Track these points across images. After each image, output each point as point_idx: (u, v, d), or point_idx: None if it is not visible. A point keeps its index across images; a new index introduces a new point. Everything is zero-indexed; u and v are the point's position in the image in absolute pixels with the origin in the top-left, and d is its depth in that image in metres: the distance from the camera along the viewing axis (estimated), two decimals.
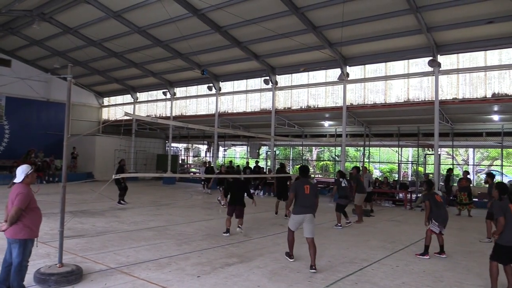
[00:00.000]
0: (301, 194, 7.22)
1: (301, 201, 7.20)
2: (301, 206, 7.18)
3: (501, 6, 13.43)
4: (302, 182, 7.42)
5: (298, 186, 7.32)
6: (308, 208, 7.17)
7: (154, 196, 18.45)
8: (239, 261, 7.27)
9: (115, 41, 21.16)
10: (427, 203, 8.36)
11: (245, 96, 23.69)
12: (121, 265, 6.70)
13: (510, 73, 15.57)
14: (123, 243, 8.33)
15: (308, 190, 7.24)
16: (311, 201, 7.27)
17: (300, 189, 7.25)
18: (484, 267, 7.35)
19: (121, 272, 6.30)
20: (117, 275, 6.19)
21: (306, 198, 7.21)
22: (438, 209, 8.29)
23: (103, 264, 6.72)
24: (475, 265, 7.55)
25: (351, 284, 6.19)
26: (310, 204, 7.23)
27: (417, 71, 17.50)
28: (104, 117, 32.33)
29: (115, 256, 7.28)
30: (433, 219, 8.24)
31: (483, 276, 6.83)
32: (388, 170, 30.71)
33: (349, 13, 15.12)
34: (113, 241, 8.49)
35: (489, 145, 24.19)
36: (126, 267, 6.60)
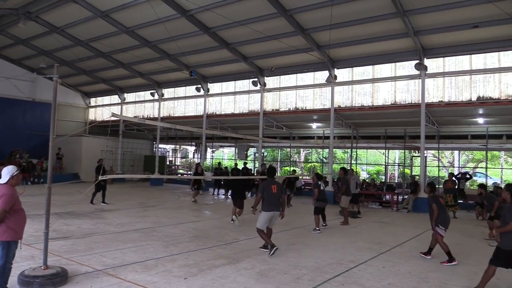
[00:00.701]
0: (269, 193, 7.95)
1: (270, 199, 7.94)
2: (270, 204, 7.95)
3: (486, 11, 13.64)
4: (269, 182, 8.12)
5: (265, 187, 8.04)
6: (277, 206, 8.03)
7: (141, 197, 18.33)
8: (226, 263, 7.26)
9: (103, 41, 20.99)
10: (434, 205, 8.13)
11: (233, 98, 23.68)
12: (107, 267, 6.64)
13: (494, 77, 15.82)
14: (109, 245, 8.26)
15: (276, 189, 8.03)
16: (279, 199, 8.08)
17: (268, 189, 7.98)
18: (468, 268, 7.48)
19: (107, 274, 6.25)
20: (103, 277, 6.13)
21: (274, 197, 8.00)
22: (442, 211, 8.18)
23: (88, 266, 6.65)
24: (460, 266, 7.65)
25: (338, 285, 6.23)
26: (278, 202, 8.06)
27: (404, 74, 17.68)
28: (91, 118, 32.03)
29: (101, 258, 7.22)
30: (439, 224, 8.07)
31: (467, 276, 6.93)
32: (375, 172, 30.96)
33: (337, 16, 15.23)
34: (99, 243, 8.42)
35: (474, 148, 24.50)
36: (112, 269, 6.54)
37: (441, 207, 8.23)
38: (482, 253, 8.79)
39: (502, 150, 25.36)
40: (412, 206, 16.38)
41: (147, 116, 28.04)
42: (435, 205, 8.12)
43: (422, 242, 9.97)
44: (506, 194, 6.08)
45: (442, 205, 8.30)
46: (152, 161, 27.60)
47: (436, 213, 8.08)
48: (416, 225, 12.80)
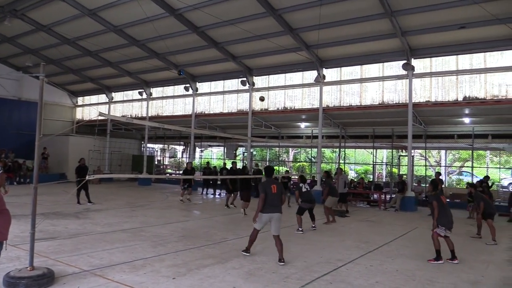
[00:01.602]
0: (269, 194, 7.48)
1: (269, 200, 7.45)
2: (269, 206, 7.44)
3: (472, 12, 13.82)
4: (269, 182, 7.70)
5: (266, 187, 7.55)
6: (276, 207, 7.50)
7: (129, 197, 18.21)
8: (215, 262, 7.25)
9: (90, 40, 20.80)
10: (434, 203, 8.06)
11: (222, 97, 23.65)
12: (95, 267, 6.59)
13: (480, 77, 16.03)
14: (97, 245, 8.19)
15: (275, 189, 7.56)
16: (278, 200, 7.59)
17: (268, 189, 7.50)
18: (454, 266, 7.57)
19: (95, 275, 6.20)
20: (90, 277, 6.08)
21: (274, 198, 7.50)
22: (443, 211, 8.07)
23: (76, 266, 6.59)
24: (446, 264, 7.73)
25: (326, 284, 6.26)
26: (277, 203, 7.56)
27: (391, 74, 17.82)
28: (78, 117, 31.72)
29: (88, 258, 7.15)
30: (440, 224, 8.02)
31: (453, 274, 7.01)
32: (363, 171, 31.17)
33: (325, 16, 15.30)
34: (87, 243, 8.34)
35: (460, 147, 24.86)
36: (99, 269, 6.49)
37: (442, 206, 8.10)
38: (468, 251, 8.93)
39: (488, 149, 25.72)
40: (399, 205, 16.52)
41: (135, 116, 27.87)
42: (436, 203, 8.05)
43: (409, 240, 10.09)
44: None
45: (443, 204, 8.12)
46: (140, 161, 27.44)
47: (437, 211, 8.00)
48: (403, 223, 12.92)
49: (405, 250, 8.65)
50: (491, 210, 10.59)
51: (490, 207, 10.70)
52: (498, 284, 6.56)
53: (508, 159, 27.92)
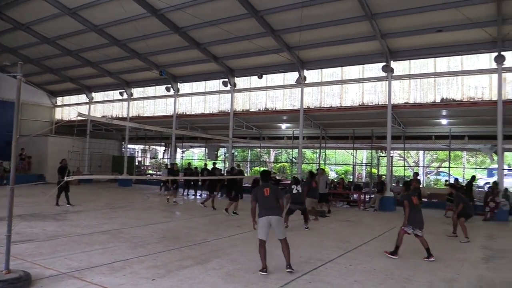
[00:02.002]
0: (261, 197, 7.11)
1: (263, 204, 7.08)
2: (263, 209, 7.04)
3: (449, 16, 14.15)
4: (262, 186, 7.32)
5: (257, 191, 7.23)
6: (271, 210, 6.99)
7: (109, 198, 18.03)
8: (194, 263, 7.25)
9: (70, 39, 20.52)
10: (405, 203, 8.34)
11: (203, 98, 23.61)
12: (73, 270, 6.52)
13: (457, 80, 16.41)
14: (75, 247, 8.10)
15: (268, 192, 7.11)
16: (273, 203, 7.08)
17: (259, 193, 7.15)
18: (431, 264, 7.73)
19: (73, 277, 6.13)
20: (68, 280, 6.01)
21: (267, 200, 7.07)
22: (412, 211, 8.30)
23: (53, 269, 6.51)
24: (423, 262, 7.89)
25: (305, 283, 6.32)
26: (273, 205, 7.05)
27: (371, 76, 18.09)
28: (57, 117, 31.23)
29: (66, 260, 7.07)
30: (408, 223, 8.27)
31: (430, 272, 7.16)
32: (343, 171, 31.48)
33: (307, 17, 15.43)
34: (65, 246, 8.24)
35: (438, 148, 25.33)
36: (78, 271, 6.43)
37: (412, 206, 8.32)
38: (444, 250, 9.12)
39: (464, 150, 26.26)
40: (378, 205, 16.76)
41: (116, 116, 27.58)
42: (406, 202, 8.32)
43: (388, 240, 10.23)
44: None
45: (413, 204, 8.34)
46: (121, 162, 27.15)
47: (408, 210, 8.24)
48: (382, 223, 13.11)
49: (383, 249, 8.78)
50: (469, 211, 10.84)
51: (469, 208, 10.95)
52: (473, 282, 6.73)
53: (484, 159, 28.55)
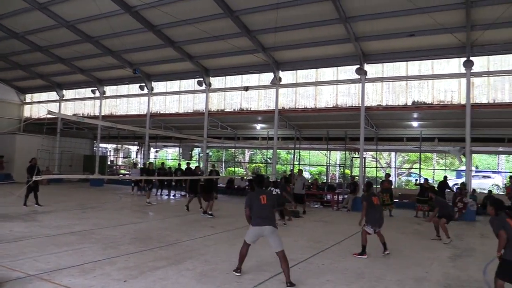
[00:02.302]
0: (256, 205, 6.59)
1: (258, 212, 6.57)
2: (258, 218, 6.56)
3: (421, 21, 14.50)
4: (257, 193, 6.79)
5: (252, 198, 6.71)
6: (267, 220, 6.53)
7: (80, 198, 17.63)
8: (168, 264, 7.17)
9: (40, 35, 19.98)
10: (364, 204, 8.62)
11: (178, 97, 23.40)
12: (41, 271, 6.34)
13: (428, 83, 16.82)
14: (44, 249, 7.88)
15: (265, 200, 6.62)
16: (269, 212, 6.65)
17: (255, 201, 6.63)
18: (401, 263, 7.89)
19: (41, 279, 5.97)
20: (36, 282, 5.85)
21: (263, 209, 6.57)
22: (372, 211, 8.60)
23: (20, 271, 6.31)
24: (393, 261, 8.06)
25: (278, 283, 6.34)
26: (268, 215, 6.60)
27: (345, 78, 18.33)
28: (26, 115, 30.33)
29: (34, 262, 6.87)
30: (366, 222, 8.56)
31: (399, 271, 7.32)
32: (317, 172, 31.77)
33: (282, 19, 15.50)
34: (33, 247, 8.01)
35: (409, 149, 25.87)
36: (46, 273, 6.26)
37: (372, 206, 8.61)
38: (414, 249, 9.33)
39: (434, 152, 26.92)
40: (351, 205, 17.00)
41: (88, 114, 27.01)
42: (365, 203, 8.65)
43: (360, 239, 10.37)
44: (491, 210, 5.77)
45: (373, 204, 8.62)
46: (92, 161, 26.59)
47: (365, 210, 8.60)
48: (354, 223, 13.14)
49: (355, 249, 8.90)
50: (451, 213, 11.04)
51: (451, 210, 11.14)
52: (440, 279, 6.90)
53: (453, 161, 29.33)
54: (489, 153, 27.27)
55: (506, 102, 15.49)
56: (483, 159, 32.75)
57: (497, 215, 5.64)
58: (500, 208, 5.71)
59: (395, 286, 6.43)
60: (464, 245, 10.23)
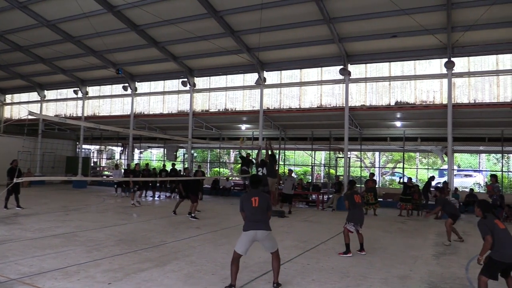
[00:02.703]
0: (248, 208, 6.19)
1: (250, 215, 6.16)
2: (250, 221, 6.13)
3: (403, 22, 14.69)
4: (250, 194, 6.38)
5: (244, 200, 6.32)
6: (259, 223, 6.10)
7: (63, 200, 17.37)
8: (153, 266, 7.11)
9: (21, 34, 19.62)
10: (346, 202, 8.87)
11: (162, 98, 23.24)
12: (23, 275, 6.23)
13: (410, 84, 17.04)
14: (26, 252, 7.75)
15: (257, 203, 6.17)
16: (262, 215, 6.18)
17: (246, 203, 6.23)
18: (385, 262, 7.97)
19: (23, 283, 5.86)
20: (18, 286, 5.75)
21: (255, 212, 6.15)
22: (354, 209, 8.81)
23: (1, 275, 6.19)
24: (378, 260, 8.13)
25: (264, 283, 6.35)
26: (261, 218, 6.15)
27: (329, 79, 18.45)
28: (6, 116, 29.74)
29: (16, 266, 6.75)
30: (348, 220, 8.72)
31: (384, 269, 7.39)
32: (303, 172, 31.91)
33: (266, 19, 15.54)
34: (14, 250, 7.86)
35: (393, 149, 26.17)
36: (28, 277, 6.15)
37: (352, 204, 8.83)
38: (398, 247, 9.43)
39: (417, 151, 27.34)
40: (336, 205, 17.11)
41: (70, 115, 26.63)
42: (346, 202, 8.91)
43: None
44: (478, 211, 5.78)
45: (354, 203, 8.82)
46: (75, 162, 26.29)
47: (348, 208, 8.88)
48: (339, 222, 13.25)
49: (340, 248, 8.96)
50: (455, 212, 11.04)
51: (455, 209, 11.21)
52: (424, 277, 6.99)
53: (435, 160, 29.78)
54: (471, 152, 27.75)
55: (486, 102, 15.79)
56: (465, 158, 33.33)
57: (485, 218, 5.66)
58: (487, 210, 5.75)
59: (380, 284, 6.49)
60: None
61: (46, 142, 26.29)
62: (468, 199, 17.95)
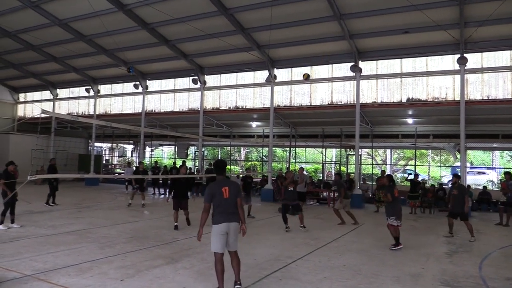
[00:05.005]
0: (218, 199, 5.62)
1: (221, 207, 5.62)
2: (222, 214, 5.60)
3: (415, 18, 14.52)
4: (218, 184, 5.76)
5: (213, 190, 5.70)
6: (232, 215, 5.66)
7: (76, 198, 17.56)
8: (165, 263, 7.16)
9: (33, 33, 19.84)
10: (388, 195, 8.91)
11: (173, 96, 23.34)
12: (38, 271, 6.32)
13: (422, 80, 16.86)
14: (40, 249, 7.86)
15: (228, 193, 5.65)
16: (234, 206, 5.71)
17: (216, 193, 5.65)
18: (397, 259, 7.93)
19: (38, 279, 5.95)
20: (33, 282, 5.83)
21: (227, 204, 5.64)
22: (395, 203, 8.96)
23: (17, 271, 6.29)
24: (390, 258, 8.09)
25: (275, 281, 6.36)
26: (233, 209, 5.69)
27: (340, 76, 18.33)
28: (20, 114, 30.13)
29: (31, 262, 6.85)
30: (389, 214, 8.90)
31: (396, 267, 7.34)
32: (313, 169, 31.83)
33: (277, 16, 15.49)
34: (29, 247, 7.98)
35: (404, 146, 25.96)
36: (43, 273, 6.24)
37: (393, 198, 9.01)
38: (410, 245, 9.35)
39: (429, 148, 27.08)
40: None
41: (82, 113, 26.89)
42: (389, 195, 8.96)
43: (356, 236, 10.43)
44: None
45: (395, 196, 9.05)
46: (87, 160, 26.56)
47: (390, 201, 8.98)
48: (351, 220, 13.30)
49: (352, 246, 8.94)
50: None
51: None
52: (437, 275, 6.94)
53: (447, 157, 29.49)
54: (484, 149, 27.42)
55: (500, 99, 15.56)
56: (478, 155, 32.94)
57: None
58: None
59: (392, 282, 6.46)
60: (460, 241, 10.28)
61: (58, 140, 26.55)
62: (481, 197, 17.75)
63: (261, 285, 6.18)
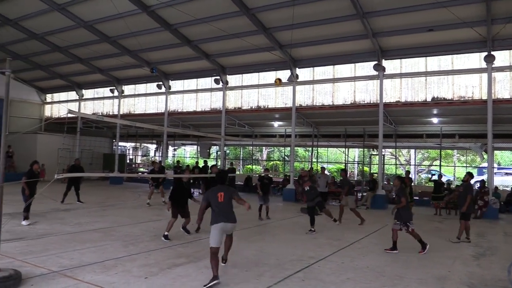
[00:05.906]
0: (214, 203, 6.45)
1: (217, 210, 6.41)
2: (219, 215, 6.37)
3: (440, 15, 14.20)
4: (215, 190, 6.57)
5: (210, 195, 6.56)
6: (228, 215, 6.45)
7: (100, 196, 17.88)
8: (187, 261, 7.22)
9: (59, 35, 20.29)
10: (403, 199, 8.73)
11: (195, 95, 23.50)
12: (64, 268, 6.46)
13: (448, 79, 16.50)
14: (66, 246, 8.03)
15: (222, 198, 6.44)
16: (229, 207, 6.52)
17: (213, 198, 6.49)
18: (422, 261, 7.79)
19: (64, 276, 6.07)
20: (59, 278, 5.96)
21: (222, 206, 6.42)
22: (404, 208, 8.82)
23: (44, 267, 6.44)
24: (414, 260, 7.95)
25: (298, 281, 6.33)
26: (229, 210, 6.50)
27: (363, 75, 18.11)
28: (47, 114, 30.86)
29: (57, 259, 7.00)
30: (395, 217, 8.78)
31: (421, 269, 7.21)
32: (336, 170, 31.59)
33: (299, 16, 15.42)
34: (56, 244, 8.16)
35: (429, 146, 25.52)
36: (69, 270, 6.37)
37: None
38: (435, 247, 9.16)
39: (455, 148, 26.51)
40: (370, 203, 16.84)
41: (106, 113, 27.35)
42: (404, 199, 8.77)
43: (379, 237, 10.28)
44: None
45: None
46: (112, 159, 27.02)
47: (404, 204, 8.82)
48: (374, 221, 13.15)
49: (375, 247, 8.83)
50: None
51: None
52: (464, 278, 6.78)
53: (474, 158, 28.83)
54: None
55: None
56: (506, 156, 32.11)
57: None
58: None
59: (416, 285, 6.34)
60: (487, 244, 10.03)
61: (84, 139, 27.09)
62: (509, 198, 17.28)
63: (283, 285, 6.15)
